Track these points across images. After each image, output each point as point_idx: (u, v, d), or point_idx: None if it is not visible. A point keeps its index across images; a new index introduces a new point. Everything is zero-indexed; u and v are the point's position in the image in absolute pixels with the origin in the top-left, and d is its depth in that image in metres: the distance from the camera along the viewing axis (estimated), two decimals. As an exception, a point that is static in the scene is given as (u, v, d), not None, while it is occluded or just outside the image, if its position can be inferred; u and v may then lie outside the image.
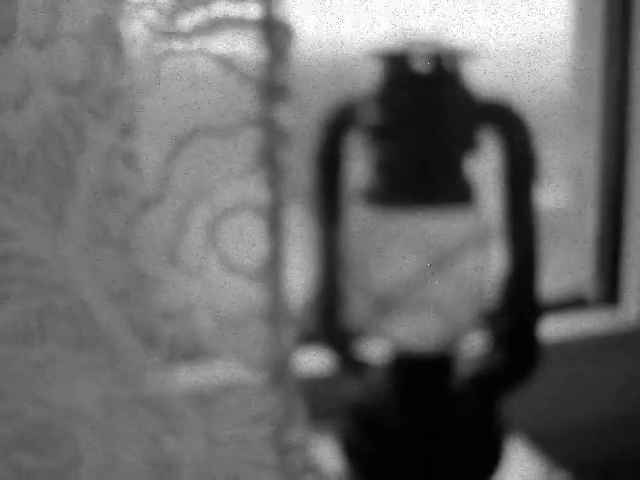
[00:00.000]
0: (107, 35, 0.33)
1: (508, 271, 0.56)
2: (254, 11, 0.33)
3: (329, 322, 0.60)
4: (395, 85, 0.55)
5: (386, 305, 0.56)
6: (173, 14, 0.33)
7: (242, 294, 0.36)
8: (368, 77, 0.56)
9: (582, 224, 0.78)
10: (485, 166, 0.58)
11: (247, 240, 0.35)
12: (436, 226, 0.56)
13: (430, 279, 0.56)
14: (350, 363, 0.61)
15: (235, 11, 0.33)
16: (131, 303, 0.35)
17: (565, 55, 0.77)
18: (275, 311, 0.36)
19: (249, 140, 0.34)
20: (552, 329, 0.69)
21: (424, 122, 0.54)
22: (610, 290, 0.76)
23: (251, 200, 0.35)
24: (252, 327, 0.36)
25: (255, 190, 0.35)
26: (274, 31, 0.34)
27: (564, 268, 0.80)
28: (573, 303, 0.75)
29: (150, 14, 0.33)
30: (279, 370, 0.37)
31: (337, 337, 0.61)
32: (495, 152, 0.56)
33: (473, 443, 0.55)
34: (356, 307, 0.57)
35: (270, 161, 0.34)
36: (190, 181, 0.34)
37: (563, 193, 0.81)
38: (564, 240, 0.82)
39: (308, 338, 0.61)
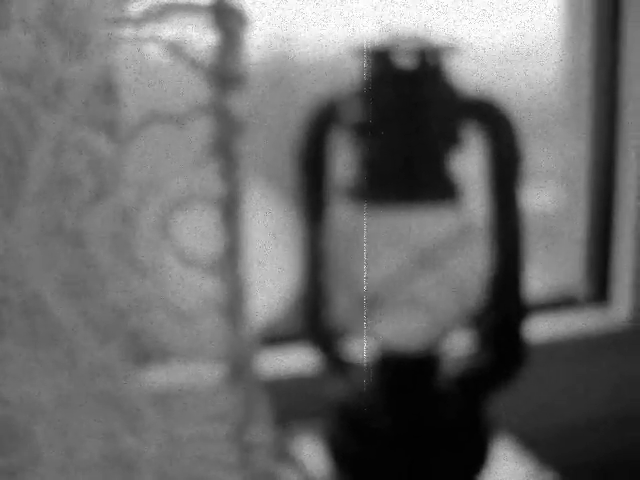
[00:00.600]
0: (56, 23, 0.32)
1: (494, 269, 0.55)
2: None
3: (314, 321, 0.60)
4: (378, 81, 0.54)
5: (371, 304, 0.55)
6: (122, 1, 0.32)
7: (198, 288, 0.35)
8: (351, 73, 0.55)
9: (572, 224, 0.77)
10: (470, 163, 0.57)
11: (202, 233, 0.34)
12: (421, 224, 0.56)
13: (415, 277, 0.55)
14: (335, 362, 0.60)
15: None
16: (86, 298, 0.35)
17: (555, 55, 0.77)
18: (233, 305, 0.35)
19: (202, 130, 0.33)
20: (542, 328, 0.69)
21: (408, 119, 0.54)
22: (600, 289, 0.75)
23: (205, 191, 0.34)
24: (209, 322, 0.35)
25: (209, 181, 0.34)
26: (226, 17, 0.33)
27: (555, 267, 0.80)
28: (563, 302, 0.74)
29: (99, 1, 0.32)
30: (239, 366, 0.36)
31: (322, 336, 0.60)
32: (480, 149, 0.55)
33: (459, 443, 0.54)
34: (341, 306, 0.56)
35: (224, 151, 0.34)
36: (142, 172, 0.34)
37: (553, 193, 0.80)
38: (555, 239, 0.82)
39: (293, 337, 0.61)
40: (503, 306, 0.55)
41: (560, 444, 0.67)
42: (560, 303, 0.74)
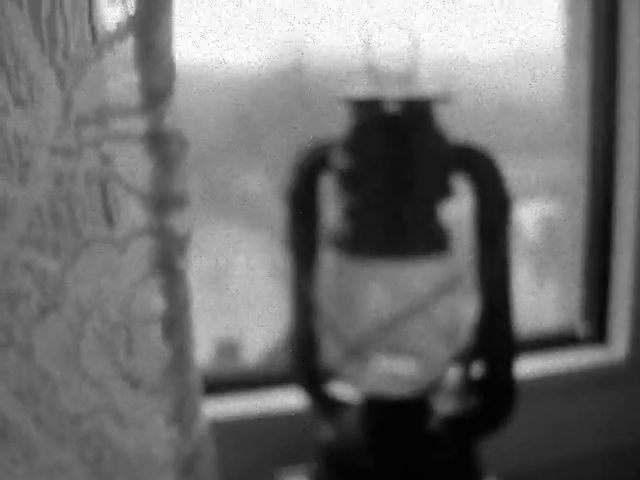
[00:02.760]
0: None
1: (482, 314, 0.55)
2: (143, 125, 0.32)
3: (304, 363, 0.61)
4: (366, 131, 0.54)
5: (360, 350, 0.55)
6: (60, 130, 0.32)
7: (145, 399, 0.36)
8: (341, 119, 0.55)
9: (570, 262, 0.76)
10: (458, 210, 0.57)
11: (145, 350, 0.35)
12: (409, 272, 0.55)
13: (404, 324, 0.55)
14: (325, 404, 0.61)
15: (123, 126, 0.32)
16: (38, 405, 0.36)
17: (555, 71, 0.75)
18: (180, 414, 0.36)
19: (143, 250, 0.34)
20: (539, 366, 0.69)
21: (395, 170, 0.53)
22: (598, 328, 0.74)
23: (147, 309, 0.34)
24: (156, 429, 0.36)
25: (151, 298, 0.34)
26: (164, 142, 0.33)
27: (552, 305, 0.80)
28: (561, 340, 0.74)
29: (42, 132, 0.32)
30: (187, 470, 0.37)
31: (312, 378, 0.61)
32: (468, 197, 0.55)
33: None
34: (330, 350, 0.57)
35: (166, 268, 0.34)
36: (86, 289, 0.34)
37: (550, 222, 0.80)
38: (552, 277, 0.82)
39: (284, 380, 0.62)
40: (492, 351, 0.56)
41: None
42: (558, 341, 0.73)
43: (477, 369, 0.56)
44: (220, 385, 0.64)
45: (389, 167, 0.53)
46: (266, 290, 0.75)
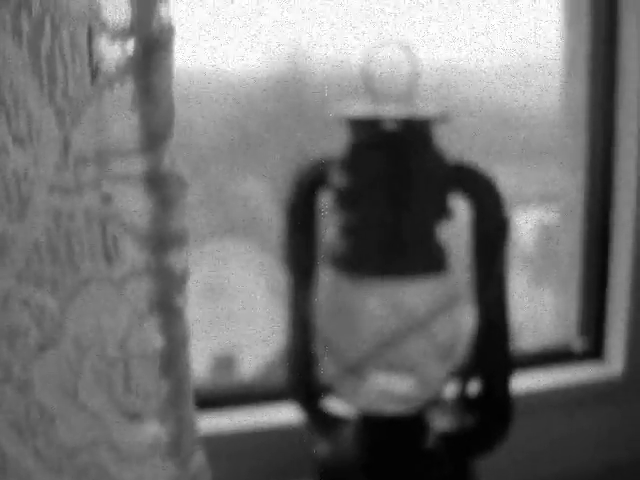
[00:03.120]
0: None
1: (479, 331, 0.56)
2: (142, 166, 0.32)
3: (300, 378, 0.61)
4: (364, 150, 0.54)
5: (357, 368, 0.55)
6: (59, 169, 0.32)
7: (143, 433, 0.36)
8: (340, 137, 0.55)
9: (568, 275, 0.77)
10: (456, 229, 0.57)
11: (144, 384, 0.35)
12: (407, 291, 0.56)
13: (402, 343, 0.55)
14: (320, 420, 0.61)
15: (122, 166, 0.32)
16: (36, 437, 0.36)
17: (553, 80, 0.76)
18: (179, 452, 0.36)
19: (141, 289, 0.34)
20: (536, 382, 0.69)
21: (394, 189, 0.53)
22: (595, 344, 0.75)
23: (146, 344, 0.34)
24: (155, 462, 0.36)
25: (149, 336, 0.34)
26: (163, 183, 0.33)
27: (549, 317, 0.80)
28: (558, 356, 0.74)
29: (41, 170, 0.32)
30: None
31: (308, 394, 0.61)
32: (465, 216, 0.55)
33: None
34: (327, 367, 0.57)
35: (164, 306, 0.34)
36: (84, 326, 0.34)
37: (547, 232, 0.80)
38: (549, 292, 0.83)
39: (280, 395, 0.62)
40: (489, 369, 0.56)
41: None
42: (554, 356, 0.74)
43: (473, 386, 0.56)
44: (216, 399, 0.64)
45: (387, 186, 0.53)
46: (263, 304, 0.75)
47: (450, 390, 0.58)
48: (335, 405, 0.61)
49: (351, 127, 0.54)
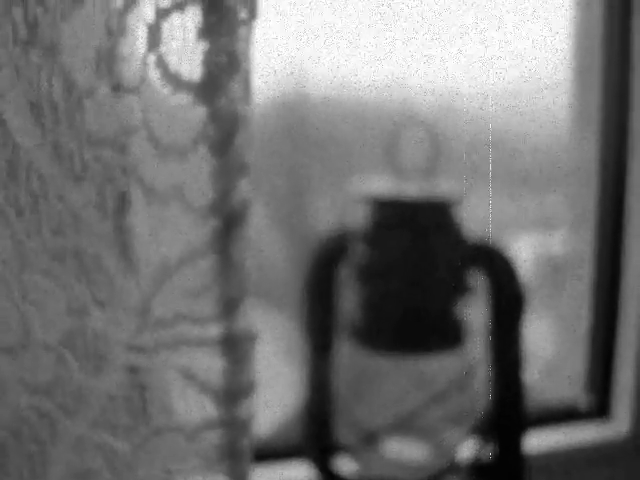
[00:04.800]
0: (74, 346, 0.34)
1: (494, 402, 0.57)
2: (217, 330, 0.34)
3: (316, 439, 0.62)
4: (385, 228, 0.56)
5: (373, 437, 0.57)
6: (138, 330, 0.34)
7: None
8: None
9: (574, 339, 0.78)
10: (474, 305, 0.59)
11: None
12: (425, 365, 0.58)
13: (418, 413, 0.57)
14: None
15: (196, 331, 0.34)
16: None
17: (563, 105, 0.76)
18: None
19: (213, 436, 0.36)
20: (543, 441, 0.70)
21: (413, 266, 0.55)
22: (601, 403, 0.76)
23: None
24: None
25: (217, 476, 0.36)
26: (236, 343, 0.34)
27: (556, 380, 0.81)
28: (565, 415, 0.76)
29: (119, 331, 0.34)
30: None
31: (323, 454, 0.63)
32: (482, 292, 0.57)
33: None
34: (343, 433, 0.59)
35: (232, 453, 0.36)
36: (154, 469, 0.36)
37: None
38: (555, 353, 0.83)
39: (294, 452, 0.64)
40: (503, 436, 0.58)
41: None
42: (560, 416, 0.75)
43: (487, 451, 0.58)
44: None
45: (407, 264, 0.54)
46: (280, 361, 0.76)
47: (464, 454, 0.60)
48: (349, 467, 0.63)
49: (373, 205, 0.56)
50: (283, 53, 0.71)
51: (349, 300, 0.59)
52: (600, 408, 0.76)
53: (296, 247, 0.77)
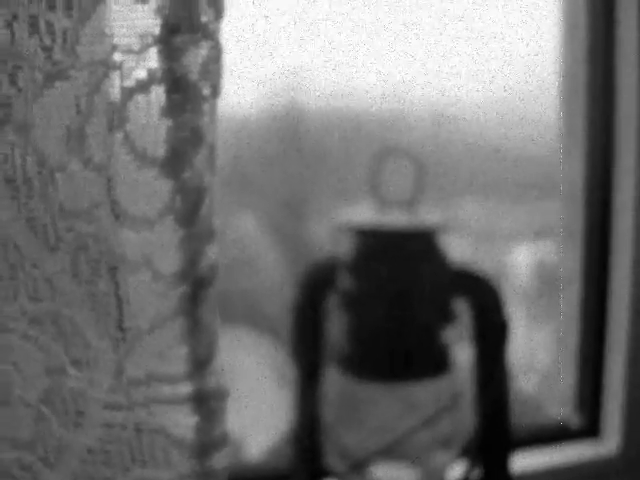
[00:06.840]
0: (52, 402, 0.36)
1: (480, 425, 0.59)
2: (187, 388, 0.35)
3: (307, 466, 0.64)
4: (370, 257, 0.57)
5: (362, 463, 0.59)
6: (112, 390, 0.35)
7: None
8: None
9: (564, 355, 0.79)
10: (459, 332, 0.60)
11: None
12: (411, 392, 0.59)
13: (406, 439, 0.58)
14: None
15: (168, 390, 0.35)
16: None
17: (550, 116, 0.77)
18: None
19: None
20: (533, 460, 0.72)
21: (398, 295, 0.56)
22: (591, 422, 0.77)
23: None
24: None
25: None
26: (207, 400, 0.36)
27: (545, 399, 0.82)
28: (554, 434, 0.77)
29: (95, 390, 0.36)
30: None
31: (312, 477, 0.64)
32: (467, 319, 0.58)
33: None
34: (332, 459, 0.60)
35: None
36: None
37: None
38: (545, 372, 0.84)
39: (284, 476, 0.65)
40: (490, 458, 0.59)
41: None
42: (552, 435, 0.76)
43: (475, 474, 0.59)
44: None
45: (392, 292, 0.56)
46: (269, 386, 0.78)
47: (453, 477, 0.61)
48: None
49: (357, 235, 0.57)
50: (278, 64, 0.72)
51: (337, 328, 0.61)
52: (590, 427, 0.77)
53: (289, 269, 0.78)
